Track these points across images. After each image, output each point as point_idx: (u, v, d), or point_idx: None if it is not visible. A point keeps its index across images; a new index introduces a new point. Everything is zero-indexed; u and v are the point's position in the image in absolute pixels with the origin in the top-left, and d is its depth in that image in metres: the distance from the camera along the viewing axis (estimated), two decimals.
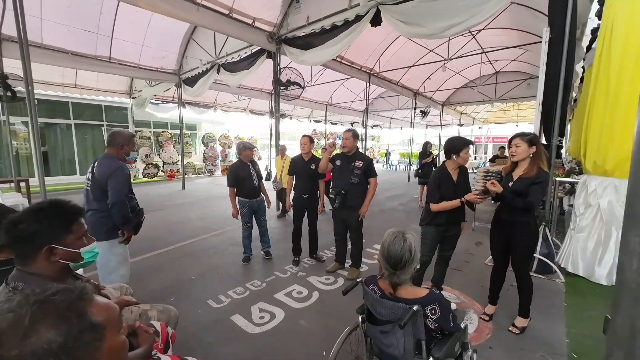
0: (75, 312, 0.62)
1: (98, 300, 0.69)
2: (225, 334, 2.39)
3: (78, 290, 0.65)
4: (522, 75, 10.95)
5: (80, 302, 0.64)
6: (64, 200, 1.24)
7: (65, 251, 1.18)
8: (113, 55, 7.68)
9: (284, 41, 6.21)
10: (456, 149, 2.48)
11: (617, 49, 3.08)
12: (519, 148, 2.30)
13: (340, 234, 3.46)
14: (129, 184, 2.41)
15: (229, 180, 3.70)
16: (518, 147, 2.31)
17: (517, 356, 2.14)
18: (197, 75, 8.41)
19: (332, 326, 2.45)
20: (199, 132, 16.13)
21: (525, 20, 6.80)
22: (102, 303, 0.69)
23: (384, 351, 1.46)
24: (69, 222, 1.21)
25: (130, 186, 2.45)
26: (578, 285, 3.20)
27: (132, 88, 11.34)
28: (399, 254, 1.35)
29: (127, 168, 2.42)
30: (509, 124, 20.50)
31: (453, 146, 2.51)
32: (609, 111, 3.15)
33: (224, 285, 3.19)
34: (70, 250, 1.20)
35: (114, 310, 0.71)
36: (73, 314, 0.61)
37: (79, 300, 0.64)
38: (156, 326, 1.51)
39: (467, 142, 2.52)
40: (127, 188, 2.38)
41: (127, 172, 2.40)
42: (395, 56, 9.05)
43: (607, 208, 3.21)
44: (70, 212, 1.23)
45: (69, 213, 1.22)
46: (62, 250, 1.17)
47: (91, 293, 0.68)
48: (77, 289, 0.66)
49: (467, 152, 2.51)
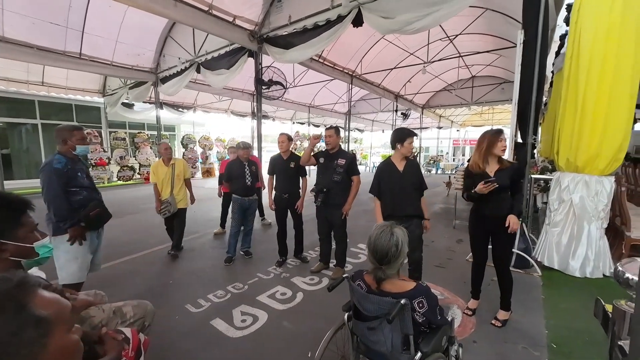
0: (14, 303, 0.53)
1: (43, 293, 0.59)
2: (205, 339, 2.27)
3: (17, 279, 0.56)
4: (496, 80, 11.45)
5: (20, 292, 0.55)
6: (9, 193, 1.12)
7: (16, 246, 1.06)
8: (84, 51, 7.29)
9: (265, 40, 6.13)
10: (401, 139, 2.56)
11: (586, 54, 3.24)
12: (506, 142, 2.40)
13: (324, 234, 3.41)
14: (64, 178, 2.28)
15: (225, 176, 3.95)
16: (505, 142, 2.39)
17: (500, 349, 2.16)
18: (175, 74, 8.13)
19: (318, 326, 2.38)
20: (178, 133, 15.63)
21: (499, 27, 7.11)
22: (48, 296, 0.60)
23: (371, 348, 1.41)
24: (17, 214, 1.09)
25: (72, 181, 2.33)
26: (554, 278, 3.32)
27: (105, 87, 10.83)
28: (385, 248, 1.33)
29: (62, 162, 2.29)
30: (485, 127, 21.32)
31: (399, 136, 2.58)
32: (579, 112, 3.31)
33: (203, 288, 3.05)
34: (21, 245, 1.07)
35: (63, 306, 0.62)
36: (10, 305, 0.53)
37: (17, 289, 0.55)
38: (126, 332, 1.39)
39: (412, 133, 2.62)
40: (59, 183, 2.25)
41: (59, 166, 2.27)
42: (377, 58, 9.18)
43: (579, 203, 3.35)
44: (16, 203, 1.11)
45: (15, 204, 1.10)
46: (12, 246, 1.04)
47: (35, 284, 0.59)
48: (16, 277, 0.56)
49: (411, 143, 2.59)
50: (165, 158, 3.82)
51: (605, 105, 3.17)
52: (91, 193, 2.50)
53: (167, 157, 3.82)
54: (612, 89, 3.14)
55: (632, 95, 3.13)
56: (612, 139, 3.20)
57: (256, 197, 3.97)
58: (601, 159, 3.27)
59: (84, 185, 2.44)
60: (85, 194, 2.44)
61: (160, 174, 3.77)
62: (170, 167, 3.80)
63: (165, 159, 3.82)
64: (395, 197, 2.60)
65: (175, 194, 3.83)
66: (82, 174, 2.45)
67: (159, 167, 3.81)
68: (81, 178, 2.43)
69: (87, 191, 2.46)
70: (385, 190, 2.64)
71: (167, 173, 3.78)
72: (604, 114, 3.19)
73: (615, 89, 3.13)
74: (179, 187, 3.87)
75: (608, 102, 3.16)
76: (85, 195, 2.44)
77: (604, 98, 3.18)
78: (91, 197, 2.48)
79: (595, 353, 2.11)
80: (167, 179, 3.77)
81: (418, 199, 2.66)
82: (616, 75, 3.11)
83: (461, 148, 27.06)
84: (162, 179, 3.76)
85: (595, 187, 3.30)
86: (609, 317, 0.67)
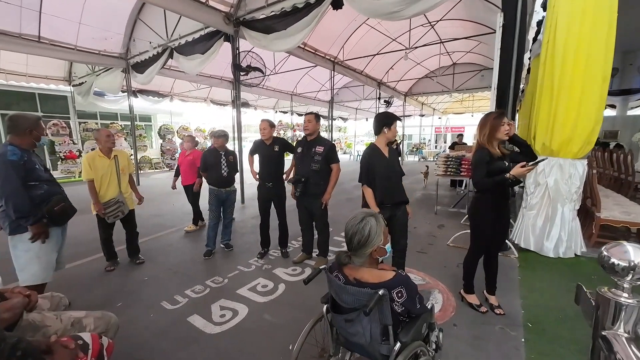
0: None
1: None
2: (181, 337, 2.17)
3: None
4: (476, 67, 11.58)
5: None
6: None
7: None
8: (43, 34, 6.69)
9: (242, 23, 5.83)
10: (388, 123, 2.48)
11: (561, 38, 3.27)
12: (512, 125, 2.25)
13: (305, 224, 3.35)
14: (21, 171, 2.09)
15: (201, 165, 3.77)
16: (511, 125, 2.24)
17: (479, 331, 2.20)
18: (147, 59, 7.67)
19: (299, 318, 2.34)
20: (154, 123, 14.93)
21: (479, 13, 7.10)
22: None
23: (350, 340, 1.37)
24: None
25: (30, 174, 2.15)
26: (529, 259, 3.43)
27: (71, 74, 10.09)
28: (351, 231, 1.31)
29: (17, 154, 2.09)
30: (465, 115, 21.77)
31: (385, 120, 2.49)
32: (555, 96, 3.36)
33: (181, 284, 2.93)
34: None
35: None
36: None
37: None
38: (85, 338, 1.28)
39: (397, 117, 2.56)
40: (15, 177, 2.06)
41: (15, 158, 2.07)
42: (359, 45, 9.02)
43: (553, 186, 3.44)
44: None
45: None
46: None
47: None
48: None
49: (396, 127, 2.53)
50: (106, 148, 3.09)
51: (579, 89, 3.23)
52: (52, 187, 2.33)
53: (109, 147, 3.10)
54: (586, 73, 3.19)
55: (605, 79, 3.19)
56: (585, 122, 3.27)
57: (234, 188, 3.82)
58: (574, 142, 3.35)
59: (44, 179, 2.27)
60: (47, 188, 2.27)
61: (100, 168, 3.04)
62: (113, 159, 3.13)
63: (105, 150, 3.09)
64: (385, 184, 2.49)
65: (124, 191, 3.22)
66: (40, 166, 2.26)
67: (98, 159, 3.05)
68: (39, 171, 2.25)
69: (48, 185, 2.29)
70: (375, 178, 2.50)
71: (109, 166, 3.10)
72: (578, 97, 3.25)
73: (588, 72, 3.18)
74: (126, 184, 3.28)
75: (582, 85, 3.21)
76: (47, 189, 2.26)
77: (578, 82, 3.23)
78: (53, 191, 2.31)
79: (566, 329, 2.19)
80: (110, 173, 3.11)
81: (402, 185, 2.61)
82: (589, 58, 3.16)
83: (443, 135, 27.56)
84: (102, 174, 3.04)
85: (569, 170, 3.39)
86: (591, 305, 0.63)
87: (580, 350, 1.99)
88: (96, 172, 3.04)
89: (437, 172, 5.62)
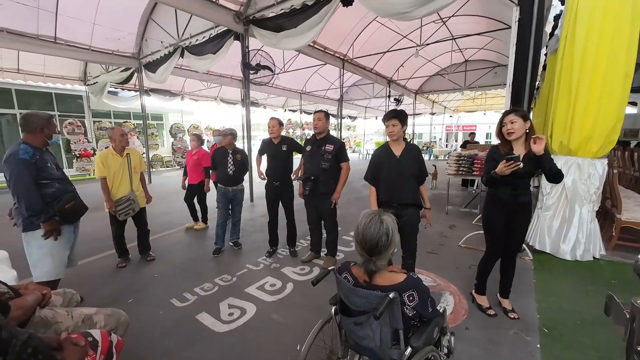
0: None
1: None
2: (190, 335, 2.18)
3: None
4: (489, 64, 11.29)
5: None
6: None
7: None
8: (59, 35, 6.87)
9: (252, 22, 5.84)
10: (405, 120, 2.40)
11: (581, 33, 3.13)
12: (515, 124, 2.09)
13: (314, 223, 3.32)
14: (33, 170, 2.12)
15: (211, 164, 3.86)
16: (514, 124, 2.10)
17: (493, 335, 2.13)
18: (159, 59, 7.78)
19: (308, 318, 2.32)
20: (165, 122, 15.17)
21: (492, 8, 6.90)
22: None
23: (359, 343, 1.34)
24: None
25: (41, 172, 2.18)
26: (545, 262, 3.31)
27: (86, 74, 10.33)
28: (375, 238, 1.21)
29: (29, 152, 2.12)
30: (477, 113, 21.34)
31: (404, 116, 2.40)
32: (573, 93, 3.23)
33: (190, 281, 2.95)
34: None
35: None
36: None
37: None
38: (95, 335, 1.29)
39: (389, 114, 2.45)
40: (27, 175, 2.09)
41: (26, 156, 2.10)
42: (368, 42, 8.92)
43: (571, 186, 3.32)
44: None
45: None
46: None
47: None
48: None
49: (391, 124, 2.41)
50: (119, 147, 3.20)
51: (600, 86, 3.09)
52: (64, 185, 2.36)
53: (123, 145, 3.22)
54: (607, 69, 3.05)
55: (627, 75, 3.04)
56: (605, 120, 3.14)
57: (242, 187, 3.82)
58: (594, 141, 3.22)
59: (56, 177, 2.30)
60: (58, 186, 2.30)
61: (113, 166, 3.13)
62: (125, 157, 3.22)
63: (118, 148, 3.20)
64: (390, 183, 2.42)
65: (135, 190, 3.28)
66: (52, 164, 2.30)
67: (110, 157, 3.14)
68: (51, 169, 2.28)
69: (60, 183, 2.32)
70: (380, 177, 2.46)
71: (122, 165, 3.18)
72: (598, 94, 3.11)
73: (610, 68, 3.05)
74: (137, 182, 3.34)
75: (602, 82, 3.08)
76: (58, 187, 2.30)
77: (599, 78, 3.09)
78: (65, 189, 2.34)
79: (585, 335, 2.10)
80: (122, 171, 3.18)
81: (416, 186, 2.45)
82: (611, 54, 3.02)
83: (454, 134, 27.11)
84: (114, 172, 3.13)
85: (588, 169, 3.26)
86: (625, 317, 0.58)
87: (601, 357, 1.90)
88: (109, 170, 3.12)
89: (449, 171, 5.52)
